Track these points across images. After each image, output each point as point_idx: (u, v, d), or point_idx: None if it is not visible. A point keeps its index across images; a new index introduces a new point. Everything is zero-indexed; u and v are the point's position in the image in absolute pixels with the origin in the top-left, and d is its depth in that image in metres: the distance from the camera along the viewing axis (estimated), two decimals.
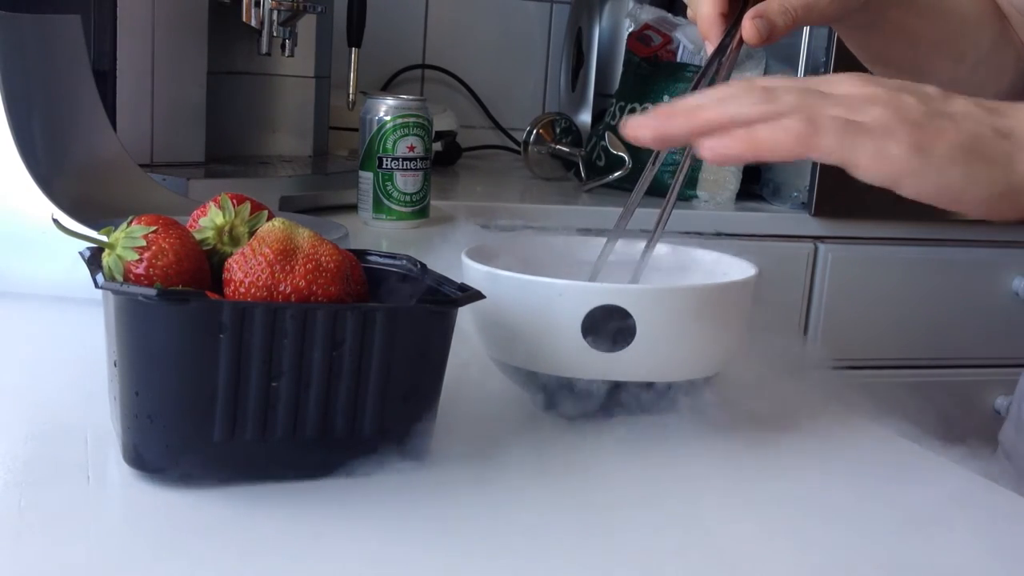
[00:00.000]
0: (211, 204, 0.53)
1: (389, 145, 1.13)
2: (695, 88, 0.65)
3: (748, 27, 0.65)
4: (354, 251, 0.53)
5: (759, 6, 0.65)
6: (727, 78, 0.66)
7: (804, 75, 1.43)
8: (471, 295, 0.50)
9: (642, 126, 0.51)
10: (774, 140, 0.48)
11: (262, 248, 0.47)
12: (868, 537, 0.47)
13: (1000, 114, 0.52)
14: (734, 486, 0.52)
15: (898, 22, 0.75)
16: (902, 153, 0.48)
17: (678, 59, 1.59)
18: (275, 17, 1.21)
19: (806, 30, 1.44)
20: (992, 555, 0.46)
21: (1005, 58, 0.82)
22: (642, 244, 0.63)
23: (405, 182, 1.14)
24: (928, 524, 0.49)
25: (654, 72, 1.58)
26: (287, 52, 1.24)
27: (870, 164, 0.48)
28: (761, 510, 0.49)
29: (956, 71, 0.80)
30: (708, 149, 0.50)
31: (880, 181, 0.49)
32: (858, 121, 0.49)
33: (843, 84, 0.52)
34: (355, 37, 1.40)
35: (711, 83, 0.66)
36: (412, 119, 1.13)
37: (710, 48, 0.67)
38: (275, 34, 1.21)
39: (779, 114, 0.49)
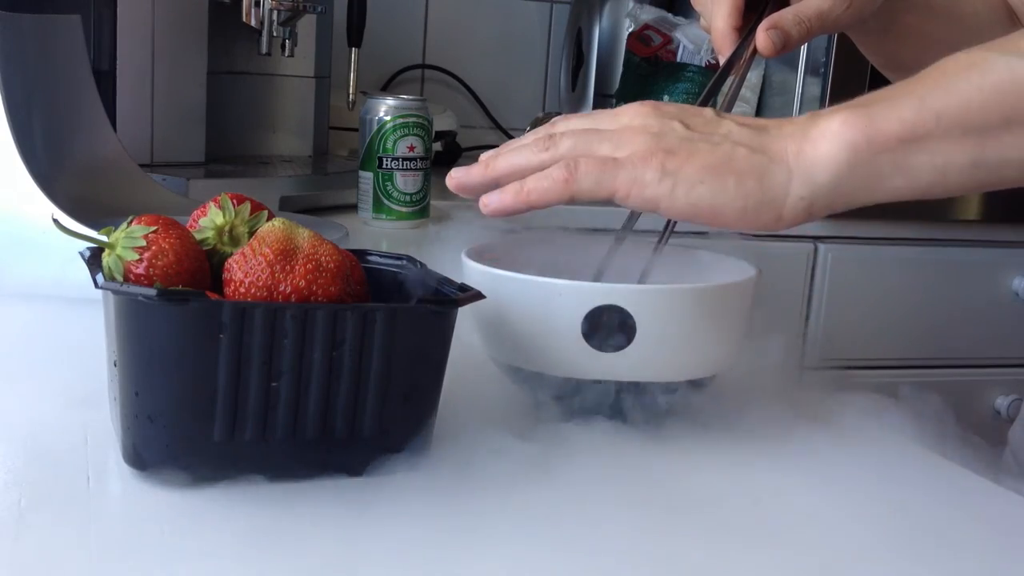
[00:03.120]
0: (211, 204, 0.53)
1: (389, 145, 1.13)
2: (704, 101, 0.64)
3: (763, 39, 0.65)
4: (354, 251, 0.53)
5: (773, 17, 0.65)
6: (739, 88, 0.66)
7: (804, 75, 1.43)
8: (471, 295, 0.50)
9: (450, 176, 0.57)
10: (541, 189, 0.54)
11: (262, 248, 0.47)
12: (868, 537, 0.47)
13: (764, 131, 0.55)
14: (734, 486, 0.52)
15: (911, 26, 0.75)
16: (654, 178, 0.53)
17: (678, 59, 1.59)
18: (275, 17, 1.21)
19: None
20: (992, 555, 0.46)
21: None
22: (647, 245, 0.63)
23: (405, 182, 1.14)
24: (928, 524, 0.49)
25: (654, 72, 1.58)
26: (287, 52, 1.24)
27: (627, 192, 0.53)
28: (760, 510, 0.49)
29: None
30: (484, 205, 0.55)
31: (640, 206, 0.54)
32: (615, 157, 0.53)
33: (624, 116, 0.56)
34: (355, 37, 1.40)
35: (720, 95, 0.66)
36: (412, 119, 1.13)
37: (723, 59, 0.67)
38: (275, 34, 1.21)
39: (552, 161, 0.54)
